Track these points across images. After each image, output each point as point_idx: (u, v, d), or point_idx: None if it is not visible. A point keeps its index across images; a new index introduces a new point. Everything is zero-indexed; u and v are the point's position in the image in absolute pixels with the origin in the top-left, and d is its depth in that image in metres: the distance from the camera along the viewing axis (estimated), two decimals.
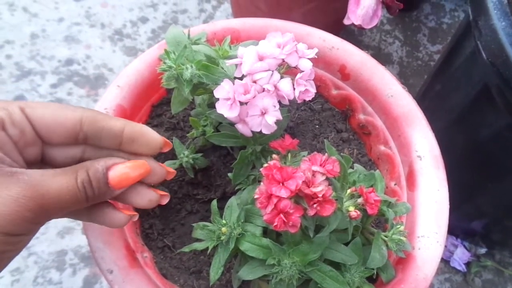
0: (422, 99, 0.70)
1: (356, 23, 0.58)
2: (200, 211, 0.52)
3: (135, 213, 0.36)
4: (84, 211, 0.35)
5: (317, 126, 0.56)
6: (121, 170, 0.33)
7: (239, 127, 0.40)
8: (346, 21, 0.60)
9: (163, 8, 0.90)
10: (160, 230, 0.50)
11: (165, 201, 0.37)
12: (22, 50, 0.83)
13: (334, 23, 0.73)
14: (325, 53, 0.53)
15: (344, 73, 0.54)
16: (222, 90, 0.38)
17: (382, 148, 0.52)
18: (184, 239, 0.51)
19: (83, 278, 0.68)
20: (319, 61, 0.54)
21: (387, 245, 0.40)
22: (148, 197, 0.35)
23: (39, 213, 0.29)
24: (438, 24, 0.95)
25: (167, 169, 0.37)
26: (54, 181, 0.30)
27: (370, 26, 0.59)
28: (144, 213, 0.50)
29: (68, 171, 0.31)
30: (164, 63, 0.38)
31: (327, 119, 0.56)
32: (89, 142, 0.34)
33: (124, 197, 0.35)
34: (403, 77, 0.89)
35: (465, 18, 0.55)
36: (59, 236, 0.70)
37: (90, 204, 0.33)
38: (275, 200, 0.33)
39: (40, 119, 0.32)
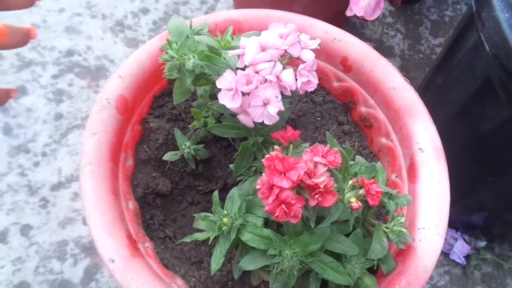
0: (424, 92, 0.70)
1: (359, 14, 0.58)
2: (201, 202, 0.52)
3: None
4: None
5: (318, 119, 0.56)
6: None
7: (241, 118, 0.39)
8: (348, 13, 0.60)
9: None
10: (162, 220, 0.51)
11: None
12: None
13: (336, 15, 0.72)
14: (327, 45, 0.53)
15: (346, 65, 0.54)
16: (225, 81, 0.37)
17: (384, 140, 0.52)
18: (185, 230, 0.51)
19: (84, 268, 0.68)
20: (321, 53, 0.54)
21: (387, 237, 0.40)
22: None
23: None
24: (440, 17, 0.94)
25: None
26: None
27: (372, 18, 0.59)
28: (145, 204, 0.50)
29: None
30: (166, 53, 0.38)
31: (328, 112, 0.56)
32: None
33: None
34: (405, 70, 0.89)
35: (468, 10, 0.55)
36: (60, 227, 0.70)
37: None
38: (276, 190, 0.33)
39: None
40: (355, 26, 0.91)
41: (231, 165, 0.46)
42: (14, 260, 0.68)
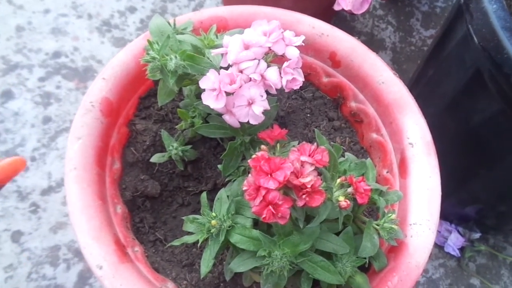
0: (415, 85, 0.69)
1: (346, 8, 0.57)
2: (191, 203, 0.52)
3: None
4: None
5: (308, 115, 0.55)
6: None
7: (227, 118, 0.39)
8: (336, 7, 0.59)
9: None
10: (152, 223, 0.50)
11: None
12: (8, 43, 0.81)
13: (325, 9, 0.71)
14: (315, 40, 0.53)
15: (334, 60, 0.53)
16: (208, 81, 0.37)
17: (374, 135, 0.52)
18: (176, 232, 0.50)
19: (78, 273, 0.67)
20: (309, 48, 0.53)
21: (379, 234, 0.40)
22: None
23: None
24: (431, 8, 0.94)
25: None
26: None
27: (360, 12, 0.58)
28: (134, 207, 0.50)
29: None
30: (148, 54, 0.37)
31: (318, 108, 0.56)
32: None
33: None
34: (397, 63, 0.88)
35: (457, 1, 0.54)
36: (52, 232, 0.69)
37: None
38: (263, 191, 0.32)
39: None
40: (345, 20, 0.91)
41: (219, 166, 0.45)
42: (6, 267, 0.67)
